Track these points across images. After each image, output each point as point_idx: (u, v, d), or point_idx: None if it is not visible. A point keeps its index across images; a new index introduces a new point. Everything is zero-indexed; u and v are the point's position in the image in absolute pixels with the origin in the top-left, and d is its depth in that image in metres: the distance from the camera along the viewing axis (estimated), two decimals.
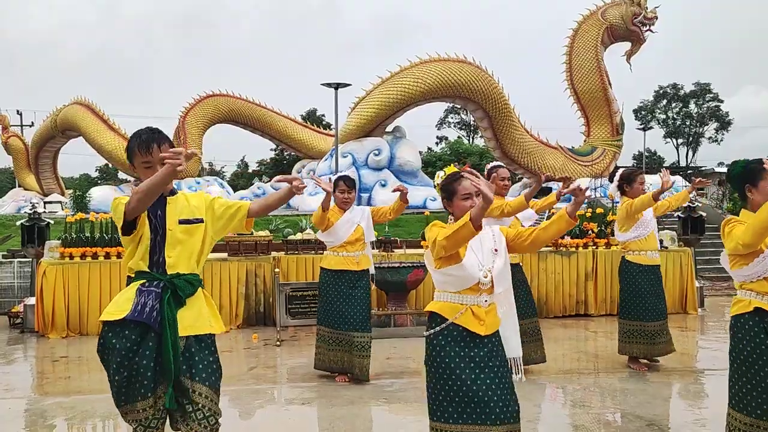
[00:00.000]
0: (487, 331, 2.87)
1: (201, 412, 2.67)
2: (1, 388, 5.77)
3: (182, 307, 2.72)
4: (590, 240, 9.14)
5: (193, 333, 2.73)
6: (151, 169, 2.66)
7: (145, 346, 2.67)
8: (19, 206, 23.37)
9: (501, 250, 2.95)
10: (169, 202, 2.78)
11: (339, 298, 5.44)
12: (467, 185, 2.94)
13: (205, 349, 2.76)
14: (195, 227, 2.79)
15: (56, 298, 7.80)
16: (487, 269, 2.89)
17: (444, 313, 2.91)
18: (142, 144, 2.70)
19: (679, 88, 56.85)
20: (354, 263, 5.42)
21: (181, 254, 2.74)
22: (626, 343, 5.87)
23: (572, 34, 21.55)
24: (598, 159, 21.50)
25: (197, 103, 22.58)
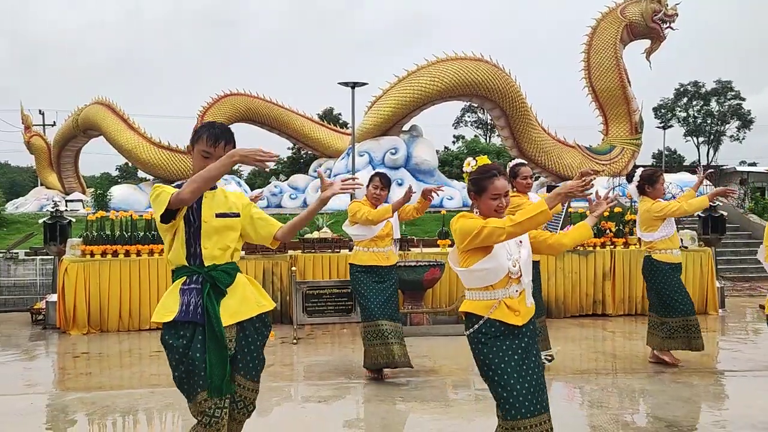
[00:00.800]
0: (524, 321, 2.91)
1: (242, 403, 2.85)
2: (24, 383, 5.88)
3: (224, 297, 2.79)
4: (608, 239, 9.07)
5: (240, 319, 2.81)
6: (208, 160, 2.78)
7: (196, 340, 2.74)
8: (42, 205, 23.70)
9: (525, 241, 2.99)
10: (206, 196, 2.84)
11: (373, 291, 5.46)
12: (499, 185, 2.93)
13: (247, 337, 2.83)
14: (232, 221, 2.88)
15: (77, 295, 7.92)
16: (515, 259, 2.93)
17: (478, 311, 2.92)
18: (212, 135, 2.81)
19: (701, 85, 56.13)
20: (384, 258, 5.50)
21: (216, 245, 2.82)
22: (669, 339, 5.88)
23: (591, 32, 21.35)
24: (617, 158, 21.28)
25: (215, 102, 22.72)
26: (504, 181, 2.95)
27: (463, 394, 5.36)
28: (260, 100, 23.35)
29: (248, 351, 2.84)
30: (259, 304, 2.90)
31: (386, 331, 5.39)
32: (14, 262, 9.84)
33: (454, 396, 5.32)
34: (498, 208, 2.94)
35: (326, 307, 7.62)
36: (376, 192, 5.49)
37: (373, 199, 5.51)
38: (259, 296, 2.93)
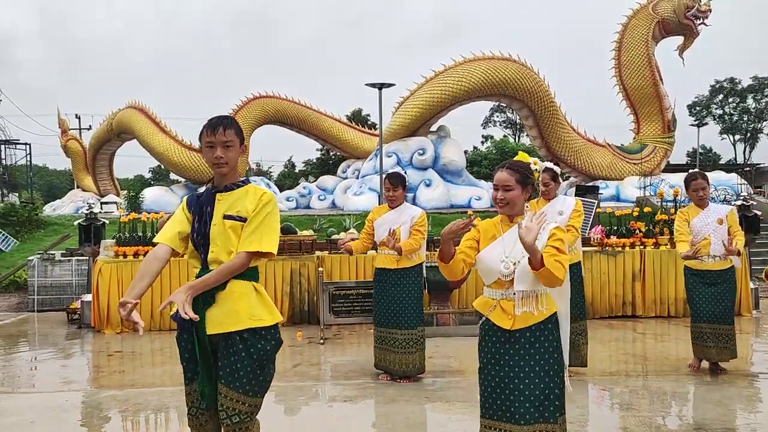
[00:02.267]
0: (515, 326, 2.82)
1: (224, 413, 2.72)
2: (60, 380, 6.05)
3: (212, 305, 2.73)
4: (638, 239, 8.94)
5: (221, 331, 2.72)
6: (212, 150, 2.78)
7: (182, 338, 2.86)
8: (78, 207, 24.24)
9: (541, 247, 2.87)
10: (219, 199, 2.82)
11: (382, 296, 5.50)
12: (497, 177, 2.94)
13: (232, 347, 2.72)
14: (237, 224, 2.78)
15: (111, 294, 8.11)
16: (512, 262, 2.84)
17: (479, 308, 2.98)
18: (210, 124, 2.81)
19: (737, 82, 54.80)
20: (393, 261, 5.43)
21: (222, 249, 2.77)
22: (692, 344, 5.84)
23: (621, 30, 21.02)
24: (648, 157, 20.91)
25: (245, 105, 22.98)
26: (502, 174, 2.91)
27: None
28: (289, 101, 23.55)
29: (232, 362, 2.72)
30: (253, 318, 2.75)
31: (393, 339, 5.45)
32: (51, 263, 10.12)
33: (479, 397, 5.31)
34: (497, 201, 2.94)
35: (353, 307, 7.67)
36: (389, 194, 5.49)
37: (389, 201, 5.52)
38: (257, 309, 2.78)
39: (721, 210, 5.65)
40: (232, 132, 2.79)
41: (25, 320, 9.50)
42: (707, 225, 5.55)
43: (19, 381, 6.08)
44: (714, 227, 5.54)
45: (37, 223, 16.11)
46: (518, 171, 2.93)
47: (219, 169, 2.80)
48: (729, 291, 5.66)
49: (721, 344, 5.63)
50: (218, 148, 2.77)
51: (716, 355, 5.67)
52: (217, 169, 2.80)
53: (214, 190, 2.86)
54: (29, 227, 15.71)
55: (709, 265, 5.59)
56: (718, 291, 5.61)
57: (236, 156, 2.84)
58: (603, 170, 20.81)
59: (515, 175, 2.91)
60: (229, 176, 2.84)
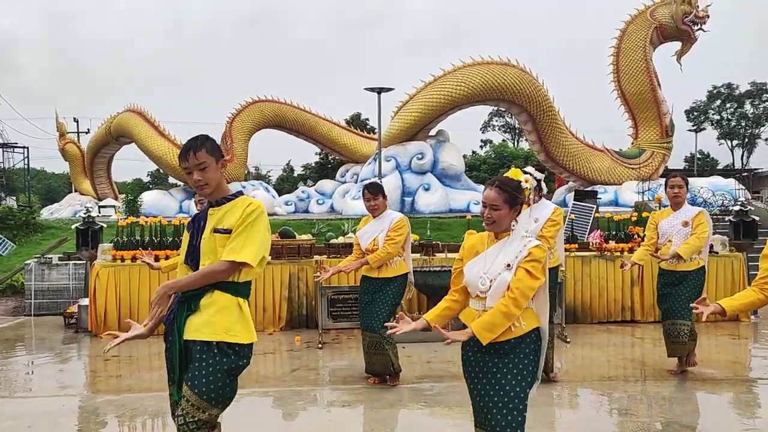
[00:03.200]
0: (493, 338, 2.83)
1: (183, 418, 2.73)
2: (57, 385, 6.02)
3: (195, 313, 2.79)
4: (636, 244, 8.93)
5: (195, 338, 2.76)
6: (191, 175, 2.87)
7: (168, 341, 2.92)
8: (75, 210, 24.23)
9: (514, 267, 2.84)
10: (211, 213, 2.91)
11: (363, 301, 5.59)
12: (485, 194, 2.94)
13: (205, 354, 2.74)
14: (224, 237, 2.82)
15: (108, 299, 8.09)
16: (489, 279, 2.87)
17: (464, 319, 3.01)
18: (182, 152, 2.89)
19: (734, 87, 54.96)
20: (374, 270, 5.48)
21: (211, 263, 2.82)
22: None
23: (619, 35, 21.09)
24: (647, 162, 20.96)
25: (243, 108, 23.01)
26: (491, 193, 2.90)
27: None
28: (288, 105, 23.59)
29: (202, 366, 2.74)
30: (229, 333, 2.76)
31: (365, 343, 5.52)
32: (48, 267, 10.09)
33: None
34: (484, 219, 2.94)
35: (351, 312, 7.66)
36: (369, 204, 5.54)
37: (370, 210, 5.58)
38: (236, 325, 2.79)
39: (690, 212, 5.69)
40: (203, 153, 2.84)
41: (21, 324, 9.46)
42: (672, 227, 5.68)
43: (16, 385, 6.06)
44: (678, 229, 5.65)
45: (35, 226, 16.08)
46: (507, 190, 2.90)
47: (202, 191, 2.90)
48: (690, 289, 5.65)
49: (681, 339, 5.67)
50: (195, 173, 2.85)
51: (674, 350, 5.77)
52: (201, 191, 2.90)
53: (208, 205, 2.96)
54: (26, 231, 15.68)
55: (671, 266, 5.71)
56: (679, 290, 5.68)
57: (215, 174, 2.88)
58: (601, 175, 20.85)
59: (503, 195, 2.89)
60: (216, 193, 2.90)
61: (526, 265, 2.81)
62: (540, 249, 2.85)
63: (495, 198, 2.89)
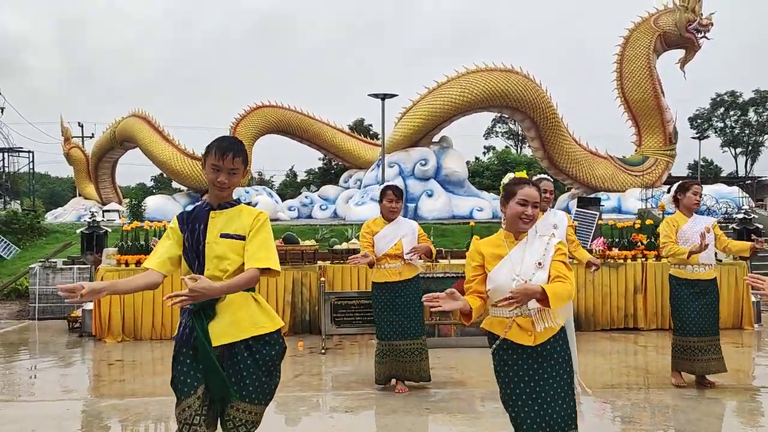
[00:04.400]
0: (538, 341, 2.84)
1: (231, 423, 2.75)
2: (60, 389, 6.05)
3: (214, 318, 2.73)
4: (639, 252, 8.93)
5: (225, 341, 2.73)
6: (217, 174, 2.79)
7: (181, 354, 2.79)
8: (79, 215, 24.30)
9: (546, 264, 2.86)
10: (213, 216, 2.83)
11: (387, 309, 5.49)
12: (529, 192, 2.89)
13: (238, 356, 2.75)
14: (235, 242, 2.79)
15: (112, 303, 8.11)
16: (523, 280, 2.82)
17: (493, 328, 2.94)
18: (221, 149, 2.79)
19: (738, 95, 54.94)
20: (396, 274, 5.46)
21: (218, 267, 2.76)
22: (674, 359, 5.75)
23: (623, 42, 21.13)
24: (650, 169, 20.95)
25: (247, 114, 23.08)
26: (535, 192, 2.90)
27: (491, 406, 5.32)
28: (291, 111, 23.64)
29: (238, 370, 2.74)
30: (256, 325, 2.77)
31: (400, 350, 5.46)
32: (53, 271, 10.11)
33: (481, 408, 5.30)
34: (524, 216, 2.88)
35: (354, 317, 7.66)
36: (391, 205, 5.47)
37: (388, 212, 5.51)
38: (258, 316, 2.81)
39: (705, 220, 5.64)
40: (239, 160, 2.81)
41: (26, 328, 9.50)
42: (696, 233, 5.47)
43: (20, 389, 6.08)
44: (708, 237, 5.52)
45: (39, 230, 16.14)
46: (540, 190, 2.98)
47: (219, 193, 2.83)
48: (716, 301, 5.62)
49: (712, 356, 5.56)
50: (223, 174, 2.78)
51: (705, 368, 5.59)
52: (218, 192, 2.83)
53: (207, 208, 2.86)
54: (31, 235, 15.74)
55: (699, 275, 5.54)
56: (707, 302, 5.55)
57: (238, 182, 2.89)
58: (605, 182, 20.85)
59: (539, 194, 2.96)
60: (225, 197, 2.88)
61: (560, 258, 2.88)
62: (563, 243, 2.95)
63: (537, 196, 2.92)
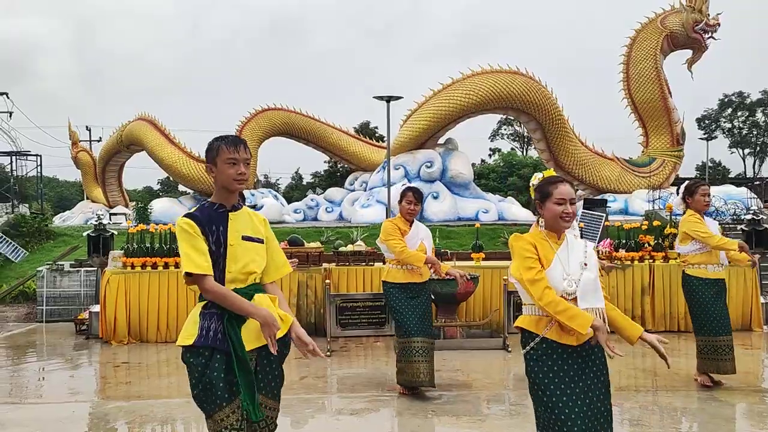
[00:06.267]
0: (580, 340, 2.82)
1: (265, 422, 2.82)
2: (67, 391, 6.06)
3: (245, 321, 2.73)
4: (647, 253, 8.88)
5: (258, 345, 2.74)
6: (236, 167, 2.78)
7: (215, 361, 2.71)
8: (87, 218, 24.40)
9: (591, 264, 2.90)
10: (232, 218, 2.81)
11: (408, 308, 5.45)
12: (564, 190, 2.90)
13: (267, 357, 2.79)
14: (257, 246, 2.84)
15: (118, 306, 8.13)
16: (573, 279, 2.85)
17: (531, 327, 2.89)
18: (232, 141, 2.82)
19: (746, 96, 54.69)
20: (418, 275, 5.47)
21: (241, 270, 2.76)
22: (704, 360, 5.68)
23: (630, 43, 21.06)
24: (657, 170, 20.85)
25: (253, 117, 23.13)
26: (569, 188, 2.93)
27: (496, 408, 5.31)
28: (297, 114, 23.67)
29: (269, 371, 2.81)
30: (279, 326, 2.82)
31: (420, 348, 5.41)
32: (60, 274, 10.16)
33: (486, 410, 5.28)
34: (564, 215, 2.88)
35: (360, 319, 7.66)
36: (410, 207, 5.46)
37: (407, 214, 5.49)
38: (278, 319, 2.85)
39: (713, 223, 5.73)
40: (248, 151, 2.88)
41: (33, 331, 9.53)
42: (718, 233, 5.61)
43: (27, 392, 6.09)
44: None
45: (47, 233, 16.21)
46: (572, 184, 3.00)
47: (239, 185, 2.82)
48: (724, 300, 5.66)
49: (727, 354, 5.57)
50: (241, 165, 2.80)
51: (731, 368, 5.59)
52: (238, 186, 2.81)
53: (222, 210, 2.82)
54: (39, 238, 15.81)
55: (719, 273, 5.60)
56: (723, 300, 5.62)
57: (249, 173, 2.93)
58: (611, 183, 20.76)
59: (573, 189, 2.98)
60: (233, 197, 2.86)
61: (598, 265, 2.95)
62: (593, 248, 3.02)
63: (572, 192, 2.94)
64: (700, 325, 5.64)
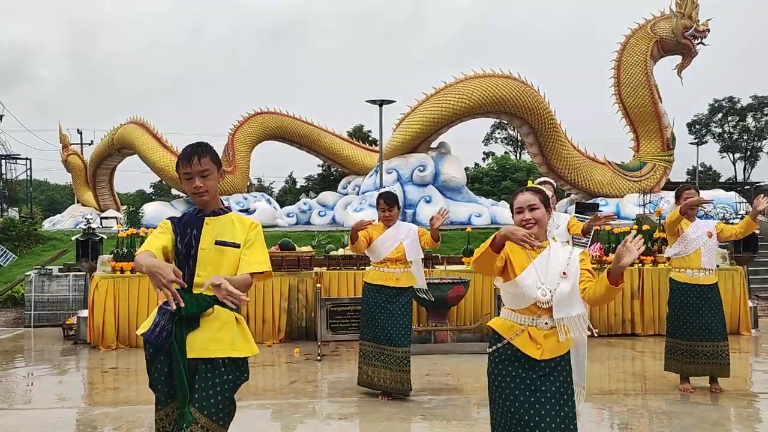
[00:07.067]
0: (544, 356, 2.78)
1: None
2: (55, 397, 6.01)
3: (196, 329, 2.69)
4: (636, 258, 8.90)
5: (203, 356, 2.67)
6: (191, 181, 2.76)
7: (158, 360, 2.74)
8: (77, 222, 24.22)
9: (571, 274, 2.81)
10: (207, 223, 2.81)
11: (378, 312, 5.47)
12: (520, 199, 2.92)
13: (212, 372, 2.68)
14: (230, 250, 2.78)
15: (107, 310, 8.07)
16: (548, 289, 2.79)
17: (502, 331, 2.89)
18: (184, 156, 2.79)
19: (736, 101, 55.05)
20: (393, 279, 5.44)
21: (208, 274, 2.69)
22: (666, 359, 5.84)
23: (620, 48, 21.17)
24: (648, 174, 20.96)
25: (246, 120, 23.10)
26: (526, 196, 2.92)
27: (486, 413, 5.26)
28: (290, 118, 23.66)
29: (209, 386, 2.67)
30: (233, 347, 2.73)
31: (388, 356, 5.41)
32: (48, 278, 10.08)
33: (476, 415, 5.27)
34: (524, 222, 2.88)
35: (350, 324, 7.63)
36: (385, 214, 5.50)
37: (383, 220, 5.54)
38: (238, 338, 2.76)
39: (708, 224, 5.68)
40: (207, 160, 2.78)
41: (21, 336, 9.45)
42: (698, 237, 5.54)
43: (14, 397, 6.04)
44: (704, 240, 5.55)
45: (36, 238, 16.11)
46: (539, 192, 2.95)
47: (200, 198, 2.80)
48: (718, 306, 5.63)
49: (715, 360, 5.58)
50: (196, 179, 2.75)
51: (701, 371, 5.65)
52: (198, 198, 2.81)
53: (200, 214, 2.84)
54: (28, 242, 15.71)
55: (699, 279, 5.57)
56: (708, 307, 5.57)
57: (215, 183, 2.83)
58: (603, 187, 20.85)
59: (538, 195, 2.92)
60: (211, 203, 2.84)
61: (586, 267, 2.88)
62: (586, 253, 2.96)
63: (532, 198, 2.91)
64: (667, 324, 5.83)
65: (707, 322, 5.56)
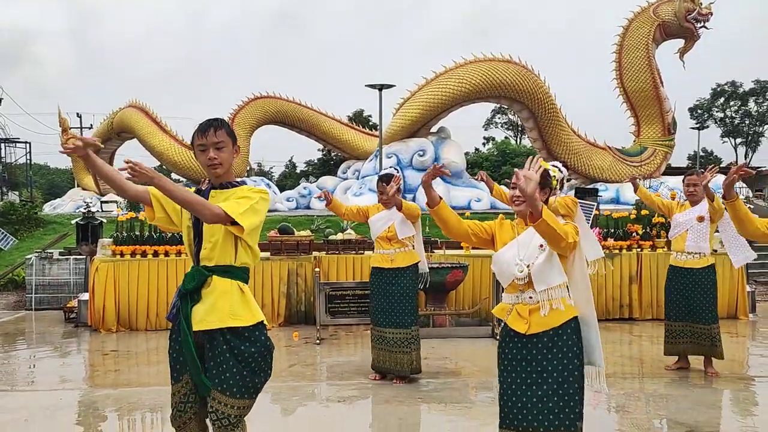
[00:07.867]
0: (531, 330, 2.81)
1: (215, 414, 2.69)
2: (56, 379, 6.06)
3: (198, 302, 2.74)
4: (635, 242, 8.94)
5: (204, 327, 2.70)
6: (205, 152, 2.78)
7: (174, 340, 2.87)
8: (77, 206, 24.22)
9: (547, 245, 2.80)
10: (213, 195, 2.82)
11: (378, 295, 5.51)
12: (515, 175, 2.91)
13: (211, 344, 2.70)
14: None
15: (107, 294, 8.11)
16: (526, 264, 2.84)
17: (498, 314, 3.01)
18: (200, 128, 2.81)
19: (738, 85, 54.80)
20: (387, 261, 5.46)
21: (215, 247, 2.74)
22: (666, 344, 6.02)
23: (622, 32, 21.02)
24: (648, 159, 20.91)
25: (245, 105, 23.00)
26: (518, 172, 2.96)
27: (483, 396, 5.34)
28: (289, 102, 23.56)
29: (217, 363, 2.69)
30: (233, 316, 2.70)
31: (389, 339, 5.46)
32: (49, 262, 10.12)
33: (474, 398, 5.32)
34: (513, 198, 2.98)
35: (349, 308, 7.67)
36: (383, 196, 5.49)
37: (384, 203, 5.57)
38: (238, 307, 2.73)
39: (701, 208, 5.65)
40: (223, 132, 2.80)
41: (22, 318, 9.51)
42: (687, 221, 5.67)
43: (16, 379, 6.09)
44: (692, 224, 5.63)
45: (37, 221, 16.12)
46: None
47: (214, 170, 2.81)
48: (709, 290, 5.67)
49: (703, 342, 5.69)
50: (210, 150, 2.77)
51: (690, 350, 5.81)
52: (212, 171, 2.81)
53: (209, 187, 2.87)
54: (28, 226, 15.72)
55: (683, 262, 5.71)
56: (699, 290, 5.67)
57: (229, 156, 2.84)
58: (603, 173, 20.81)
59: None
60: (224, 176, 2.84)
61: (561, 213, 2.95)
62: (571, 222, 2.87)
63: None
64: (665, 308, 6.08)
65: (695, 305, 5.67)
